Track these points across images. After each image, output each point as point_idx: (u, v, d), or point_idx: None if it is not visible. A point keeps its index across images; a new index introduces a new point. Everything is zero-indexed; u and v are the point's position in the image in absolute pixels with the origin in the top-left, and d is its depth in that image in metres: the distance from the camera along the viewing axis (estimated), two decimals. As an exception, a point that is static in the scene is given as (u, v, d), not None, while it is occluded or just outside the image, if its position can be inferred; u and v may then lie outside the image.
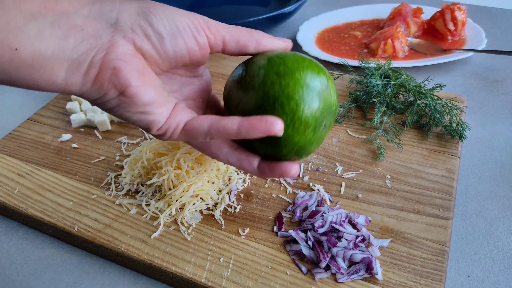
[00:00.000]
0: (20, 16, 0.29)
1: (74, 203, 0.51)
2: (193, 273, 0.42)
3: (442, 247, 0.43)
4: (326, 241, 0.43)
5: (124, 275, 0.47)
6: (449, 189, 0.50)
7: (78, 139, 0.61)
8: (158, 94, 0.34)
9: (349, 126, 0.60)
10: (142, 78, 0.32)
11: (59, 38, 0.30)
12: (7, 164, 0.57)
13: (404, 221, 0.46)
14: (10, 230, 0.52)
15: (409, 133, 0.58)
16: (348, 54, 0.82)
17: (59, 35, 0.30)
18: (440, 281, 0.40)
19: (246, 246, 0.45)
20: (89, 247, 0.48)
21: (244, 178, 0.53)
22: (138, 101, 0.32)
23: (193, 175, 0.48)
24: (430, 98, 0.59)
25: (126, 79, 0.31)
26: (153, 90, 0.33)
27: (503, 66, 0.78)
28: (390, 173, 0.52)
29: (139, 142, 0.60)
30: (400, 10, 0.87)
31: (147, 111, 0.33)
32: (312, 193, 0.50)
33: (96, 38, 0.31)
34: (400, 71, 0.64)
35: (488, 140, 0.62)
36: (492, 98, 0.70)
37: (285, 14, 0.84)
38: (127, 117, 0.34)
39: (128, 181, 0.52)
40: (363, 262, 0.42)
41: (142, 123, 0.34)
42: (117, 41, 0.31)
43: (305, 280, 0.41)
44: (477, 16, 0.94)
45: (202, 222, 0.48)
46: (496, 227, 0.50)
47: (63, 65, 0.30)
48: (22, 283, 0.46)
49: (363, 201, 0.49)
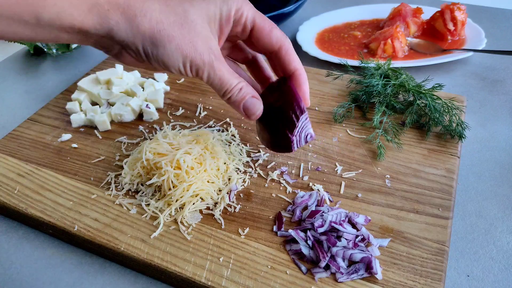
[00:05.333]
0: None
1: (74, 202, 0.51)
2: (193, 272, 0.43)
3: (442, 246, 0.44)
4: (325, 241, 0.43)
5: (124, 274, 0.47)
6: (448, 189, 0.50)
7: (78, 139, 0.61)
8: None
9: (349, 126, 0.60)
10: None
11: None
12: (7, 164, 0.57)
13: (403, 220, 0.46)
14: (10, 230, 0.52)
15: (408, 133, 0.58)
16: (348, 54, 0.82)
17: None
18: (440, 281, 0.41)
19: (246, 245, 0.45)
20: (89, 246, 0.48)
21: (244, 178, 0.53)
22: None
23: (193, 175, 0.48)
24: (430, 98, 0.59)
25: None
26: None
27: (503, 66, 0.78)
28: (389, 172, 0.52)
29: (139, 142, 0.60)
30: (400, 10, 0.87)
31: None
32: (311, 193, 0.50)
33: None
34: (400, 71, 0.64)
35: (488, 140, 0.62)
36: (492, 98, 0.70)
37: (285, 14, 0.84)
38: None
39: (128, 181, 0.52)
40: (362, 261, 0.42)
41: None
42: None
43: (304, 280, 0.41)
44: (477, 16, 0.94)
45: (202, 221, 0.48)
46: (496, 226, 0.50)
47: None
48: (22, 283, 0.46)
49: (363, 201, 0.49)
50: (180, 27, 0.39)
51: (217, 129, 0.61)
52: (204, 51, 0.40)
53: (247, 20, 0.43)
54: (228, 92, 0.43)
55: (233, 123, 0.62)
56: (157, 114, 0.64)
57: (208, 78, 0.42)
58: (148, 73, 0.74)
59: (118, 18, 0.36)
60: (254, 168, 0.54)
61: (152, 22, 0.38)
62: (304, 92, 0.46)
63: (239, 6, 0.42)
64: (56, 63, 0.85)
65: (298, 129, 0.45)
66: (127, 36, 0.37)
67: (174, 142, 0.51)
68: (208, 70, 0.41)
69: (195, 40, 0.39)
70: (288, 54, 0.45)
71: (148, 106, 0.64)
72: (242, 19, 0.43)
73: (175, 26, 0.38)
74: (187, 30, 0.39)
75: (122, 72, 0.70)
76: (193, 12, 0.39)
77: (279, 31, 0.44)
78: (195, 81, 0.72)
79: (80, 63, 0.85)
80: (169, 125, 0.62)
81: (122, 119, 0.63)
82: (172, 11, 0.39)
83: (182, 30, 0.39)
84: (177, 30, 0.38)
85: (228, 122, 0.62)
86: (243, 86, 0.43)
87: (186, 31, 0.39)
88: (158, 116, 0.65)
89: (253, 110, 0.44)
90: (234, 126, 0.61)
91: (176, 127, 0.62)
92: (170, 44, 0.38)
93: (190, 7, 0.39)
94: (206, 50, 0.40)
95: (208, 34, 0.41)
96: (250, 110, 0.44)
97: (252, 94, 0.44)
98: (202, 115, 0.64)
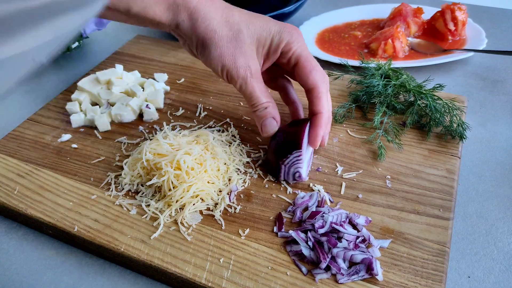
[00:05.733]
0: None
1: (74, 203, 0.51)
2: (193, 273, 0.42)
3: (443, 247, 0.43)
4: (326, 242, 0.43)
5: (124, 275, 0.47)
6: (449, 190, 0.50)
7: (78, 139, 0.61)
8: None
9: (349, 126, 0.60)
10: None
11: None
12: (7, 164, 0.57)
13: (404, 221, 0.46)
14: (10, 230, 0.52)
15: (409, 134, 0.58)
16: (348, 54, 0.82)
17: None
18: (441, 282, 0.40)
19: (246, 246, 0.45)
20: (89, 247, 0.48)
21: (244, 178, 0.52)
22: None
23: (193, 176, 0.48)
24: (431, 98, 0.58)
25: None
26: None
27: (504, 66, 0.78)
28: (390, 173, 0.52)
29: (139, 142, 0.60)
30: (401, 10, 0.87)
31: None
32: (312, 194, 0.49)
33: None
34: (401, 71, 0.64)
35: (489, 140, 0.62)
36: (493, 98, 0.70)
37: (285, 14, 0.84)
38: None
39: (128, 182, 0.52)
40: (363, 262, 0.41)
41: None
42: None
43: (305, 281, 0.41)
44: (477, 16, 0.94)
45: (202, 222, 0.48)
46: (497, 227, 0.50)
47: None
48: (22, 283, 0.46)
49: (364, 202, 0.49)
50: (229, 41, 0.47)
51: (218, 129, 0.61)
52: (241, 67, 0.47)
53: (293, 56, 0.49)
54: (254, 106, 0.50)
55: (233, 124, 0.62)
56: (157, 115, 0.64)
57: (240, 89, 0.49)
58: (148, 73, 0.74)
59: (185, 18, 0.47)
60: (255, 168, 0.54)
61: (208, 29, 0.46)
62: (315, 134, 0.50)
63: (290, 41, 0.49)
64: (56, 63, 0.85)
65: (288, 161, 0.50)
66: (188, 33, 0.48)
67: (174, 142, 0.51)
68: (241, 82, 0.48)
69: (237, 56, 0.47)
70: (317, 98, 0.50)
71: (148, 107, 0.63)
72: (289, 53, 0.49)
73: (225, 39, 0.47)
74: (234, 45, 0.47)
75: (122, 72, 0.70)
76: (246, 34, 0.47)
77: (319, 74, 0.50)
78: (195, 81, 0.72)
79: (80, 63, 0.85)
80: (169, 125, 0.62)
81: (122, 119, 0.63)
82: (228, 26, 0.47)
83: (229, 44, 0.47)
84: (225, 43, 0.47)
85: (228, 123, 0.62)
86: (269, 106, 0.50)
87: (233, 46, 0.47)
88: (158, 116, 0.64)
89: (268, 129, 0.51)
90: (235, 127, 0.61)
91: (176, 127, 0.62)
92: (215, 51, 0.47)
93: (245, 29, 0.47)
94: (244, 67, 0.47)
95: (251, 54, 0.48)
96: (266, 127, 0.51)
97: (273, 115, 0.50)
98: (202, 116, 0.64)
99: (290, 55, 0.49)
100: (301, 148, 0.49)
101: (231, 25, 0.47)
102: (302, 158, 0.49)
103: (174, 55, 0.79)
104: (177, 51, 0.80)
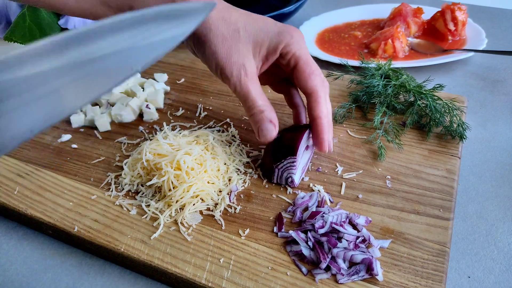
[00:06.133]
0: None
1: (74, 203, 0.51)
2: (193, 273, 0.42)
3: (443, 247, 0.43)
4: (326, 242, 0.43)
5: (124, 276, 0.47)
6: (449, 190, 0.50)
7: (78, 139, 0.61)
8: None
9: (350, 126, 0.60)
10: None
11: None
12: (7, 164, 0.56)
13: (404, 221, 0.46)
14: (10, 230, 0.52)
15: (409, 134, 0.58)
16: (348, 54, 0.82)
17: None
18: (441, 282, 0.40)
19: (246, 246, 0.45)
20: (89, 247, 0.48)
21: (244, 178, 0.52)
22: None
23: (193, 176, 0.48)
24: (431, 98, 0.58)
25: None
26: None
27: (504, 66, 0.78)
28: (390, 173, 0.52)
29: (139, 142, 0.60)
30: (401, 10, 0.87)
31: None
32: (312, 194, 0.49)
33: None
34: (401, 71, 0.64)
35: (489, 140, 0.62)
36: (493, 98, 0.70)
37: (285, 14, 0.84)
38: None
39: (128, 182, 0.52)
40: (363, 263, 0.41)
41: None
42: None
43: (305, 281, 0.41)
44: (477, 16, 0.94)
45: (202, 222, 0.48)
46: (497, 227, 0.50)
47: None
48: (22, 283, 0.46)
49: (364, 202, 0.49)
50: (224, 40, 0.46)
51: (218, 129, 0.61)
52: (235, 65, 0.46)
53: (292, 58, 0.48)
54: (250, 109, 0.48)
55: (233, 124, 0.62)
56: (157, 115, 0.64)
57: (234, 90, 0.47)
58: (148, 73, 0.74)
59: None
60: (255, 168, 0.54)
61: (205, 26, 0.45)
62: (322, 139, 0.49)
63: (290, 43, 0.47)
64: (56, 63, 0.85)
65: (282, 166, 0.49)
66: None
67: (174, 142, 0.51)
68: (234, 82, 0.46)
69: (231, 54, 0.46)
70: (316, 102, 0.48)
71: (148, 107, 0.63)
72: (288, 55, 0.48)
73: (220, 37, 0.46)
74: (229, 44, 0.46)
75: (122, 72, 0.70)
76: (242, 33, 0.46)
77: (318, 78, 0.48)
78: (195, 81, 0.72)
79: (80, 63, 0.85)
80: (169, 125, 0.62)
81: (122, 119, 0.63)
82: (225, 26, 0.46)
83: (225, 42, 0.46)
84: (221, 41, 0.46)
85: (228, 123, 0.62)
86: (266, 110, 0.47)
87: (228, 44, 0.46)
88: (158, 116, 0.64)
89: (265, 133, 0.48)
90: (235, 127, 0.61)
91: (176, 127, 0.62)
92: (209, 48, 0.46)
93: (242, 28, 0.46)
94: (238, 65, 0.46)
95: (246, 54, 0.46)
96: (263, 132, 0.48)
97: (271, 119, 0.48)
98: (202, 116, 0.64)
99: (289, 57, 0.48)
100: (296, 154, 0.49)
101: (228, 24, 0.46)
102: (296, 164, 0.49)
103: (174, 55, 0.79)
104: (177, 51, 0.80)
